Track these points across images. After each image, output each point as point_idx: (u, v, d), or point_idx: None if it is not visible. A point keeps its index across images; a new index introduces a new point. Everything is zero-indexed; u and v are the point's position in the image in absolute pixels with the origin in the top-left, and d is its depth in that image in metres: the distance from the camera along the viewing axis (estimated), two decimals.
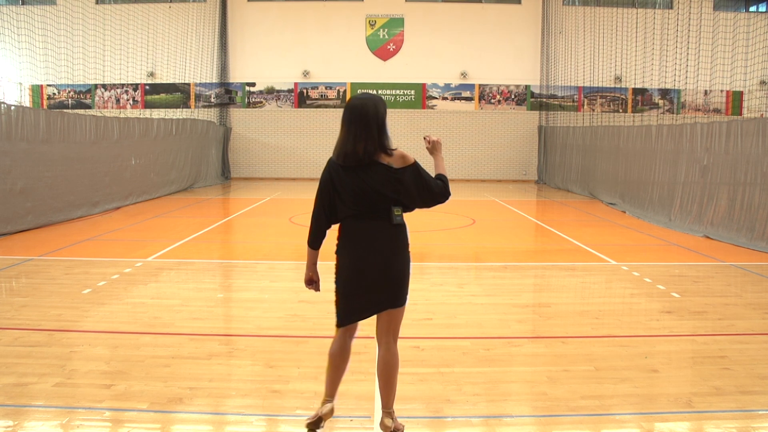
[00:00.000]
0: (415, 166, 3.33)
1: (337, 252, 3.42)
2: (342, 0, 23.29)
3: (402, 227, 3.38)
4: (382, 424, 3.44)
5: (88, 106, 23.44)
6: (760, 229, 9.74)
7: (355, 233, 3.33)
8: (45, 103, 23.52)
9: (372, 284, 3.34)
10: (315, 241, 3.46)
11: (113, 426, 3.66)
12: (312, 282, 3.51)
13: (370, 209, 3.29)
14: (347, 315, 3.41)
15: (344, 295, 3.40)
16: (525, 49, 23.54)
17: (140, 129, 15.95)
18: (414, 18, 23.33)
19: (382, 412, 3.48)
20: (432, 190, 3.34)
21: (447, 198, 3.40)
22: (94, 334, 5.30)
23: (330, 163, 3.36)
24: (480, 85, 23.71)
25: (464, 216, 13.59)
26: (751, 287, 7.55)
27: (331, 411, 3.50)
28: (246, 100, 23.72)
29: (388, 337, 3.44)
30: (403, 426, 3.49)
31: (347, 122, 3.28)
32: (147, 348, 4.92)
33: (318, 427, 3.46)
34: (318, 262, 3.51)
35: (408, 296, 3.45)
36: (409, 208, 3.39)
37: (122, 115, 17.74)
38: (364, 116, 3.26)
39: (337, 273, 3.42)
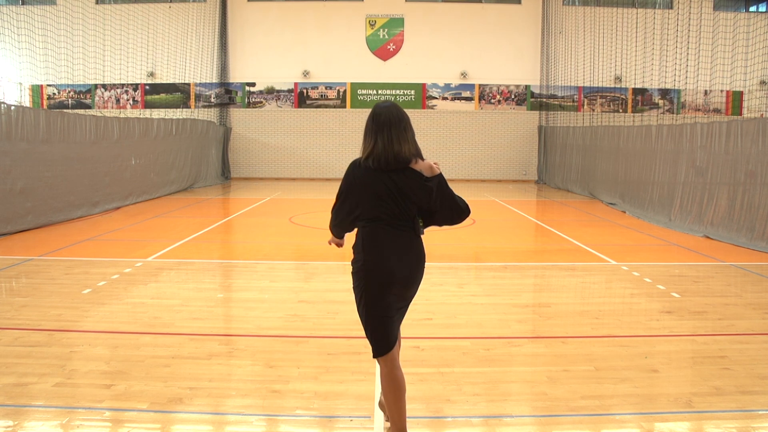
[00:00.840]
0: (442, 177, 3.23)
1: (359, 261, 3.23)
2: (342, 0, 23.29)
3: (422, 243, 3.30)
4: None
5: (88, 106, 23.44)
6: (760, 229, 9.74)
7: (382, 241, 3.17)
8: (45, 103, 23.52)
9: (398, 299, 3.23)
10: (339, 235, 3.43)
11: (113, 426, 3.66)
12: (337, 243, 3.46)
13: (398, 215, 3.17)
14: (388, 335, 3.20)
15: (379, 315, 3.19)
16: (525, 49, 23.54)
17: (140, 129, 15.95)
18: (414, 18, 23.33)
19: None
20: (458, 204, 3.27)
21: (469, 214, 3.33)
22: (94, 334, 5.30)
23: (356, 165, 3.22)
24: (480, 85, 23.71)
25: None
26: (751, 287, 7.55)
27: None
28: (246, 100, 23.72)
29: (397, 350, 3.36)
30: None
31: (385, 126, 3.16)
32: (147, 348, 4.92)
33: None
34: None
35: None
36: (429, 222, 3.30)
37: (122, 115, 17.74)
38: (400, 120, 3.20)
39: (364, 286, 3.21)
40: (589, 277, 8.06)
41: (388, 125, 3.17)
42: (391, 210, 3.16)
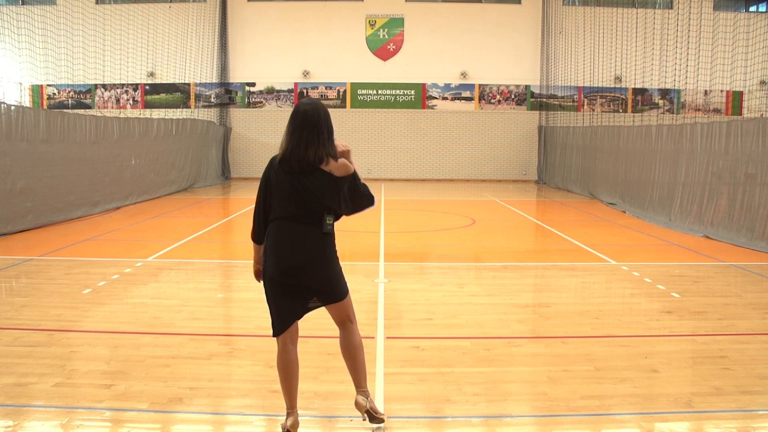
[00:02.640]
0: (354, 176, 3.34)
1: (264, 253, 3.40)
2: (342, 0, 23.29)
3: (331, 236, 3.39)
4: (357, 404, 3.50)
5: (88, 106, 23.44)
6: (760, 229, 9.74)
7: (284, 235, 3.32)
8: (45, 103, 23.52)
9: (301, 284, 3.34)
10: (259, 236, 3.48)
11: (113, 426, 3.66)
12: (261, 274, 3.53)
13: (303, 213, 3.29)
14: (282, 320, 3.40)
15: (275, 300, 3.38)
16: (525, 49, 23.53)
17: (140, 129, 15.95)
18: (414, 18, 23.33)
19: (357, 391, 3.53)
20: (363, 197, 3.39)
21: (373, 203, 3.44)
22: (94, 334, 5.30)
23: (272, 162, 3.38)
24: (480, 85, 23.71)
25: (464, 216, 13.59)
26: (751, 287, 7.55)
27: (296, 422, 3.43)
28: (246, 100, 23.72)
29: (344, 323, 3.52)
30: (382, 414, 3.54)
31: (298, 127, 3.27)
32: (147, 348, 4.92)
33: None
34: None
35: (347, 287, 3.49)
36: (339, 216, 3.42)
37: (122, 115, 17.74)
38: (316, 122, 3.27)
39: (264, 270, 3.40)
40: (589, 277, 8.06)
41: (301, 127, 3.27)
42: (297, 209, 3.29)
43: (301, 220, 3.30)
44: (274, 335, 3.45)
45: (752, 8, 23.67)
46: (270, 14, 23.33)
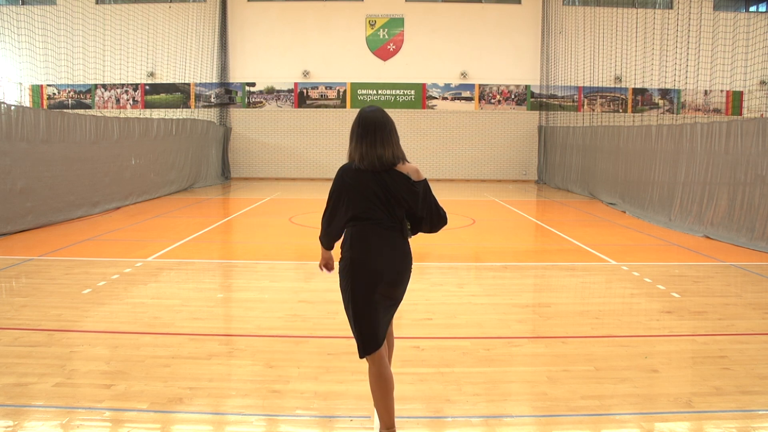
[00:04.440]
0: (426, 183, 3.35)
1: (346, 259, 3.28)
2: (342, 0, 23.29)
3: (409, 245, 3.37)
4: None
5: (88, 106, 23.44)
6: (760, 229, 9.74)
7: (370, 239, 3.23)
8: (45, 103, 23.51)
9: (384, 298, 3.28)
10: (329, 243, 3.44)
11: (113, 426, 3.66)
12: (329, 266, 3.51)
13: (387, 215, 3.25)
14: (376, 333, 3.24)
15: (366, 313, 3.22)
16: (525, 49, 23.53)
17: (140, 129, 15.95)
18: (414, 18, 23.33)
19: None
20: (440, 211, 3.40)
21: (446, 223, 3.46)
22: (94, 334, 5.30)
23: (346, 168, 3.32)
24: (480, 85, 23.70)
25: (464, 216, 13.59)
26: (751, 287, 7.55)
27: None
28: (246, 100, 23.72)
29: (390, 352, 3.46)
30: None
31: (370, 130, 3.28)
32: (147, 348, 4.92)
33: None
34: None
35: None
36: (417, 228, 3.40)
37: (122, 115, 17.73)
38: (384, 125, 3.31)
39: (351, 284, 3.25)
40: (589, 277, 8.06)
41: (373, 129, 3.29)
42: (379, 210, 3.24)
43: (383, 224, 3.24)
44: (366, 354, 3.26)
45: (752, 8, 23.66)
46: (270, 14, 23.33)
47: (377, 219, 3.24)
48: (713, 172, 11.28)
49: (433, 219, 3.37)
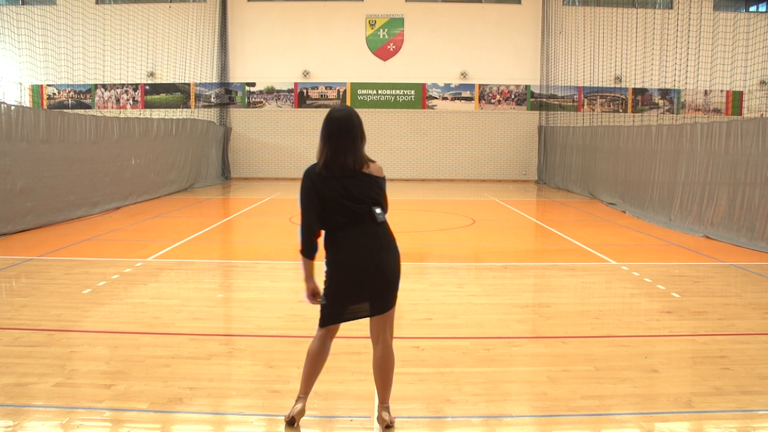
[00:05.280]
0: (384, 180, 3.51)
1: (327, 263, 3.46)
2: (342, 0, 23.29)
3: (385, 224, 3.47)
4: (380, 418, 3.54)
5: (88, 106, 23.44)
6: (760, 229, 9.74)
7: (347, 241, 3.39)
8: (45, 103, 23.51)
9: (366, 289, 3.40)
10: (309, 250, 3.45)
11: (113, 426, 3.66)
12: (315, 294, 3.50)
13: (358, 216, 3.36)
14: (332, 316, 3.48)
15: (334, 300, 3.44)
16: (525, 49, 23.53)
17: (140, 129, 15.94)
18: (414, 18, 23.33)
19: (380, 407, 3.57)
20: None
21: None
22: (94, 334, 5.30)
23: (311, 173, 3.38)
24: (480, 85, 23.70)
25: (464, 216, 13.59)
26: (751, 287, 7.55)
27: (303, 410, 3.56)
28: (246, 100, 23.72)
29: (385, 335, 3.52)
30: (394, 419, 3.59)
31: (334, 136, 3.33)
32: (147, 348, 4.92)
33: (292, 426, 3.55)
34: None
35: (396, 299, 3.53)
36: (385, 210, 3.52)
37: (122, 115, 17.73)
38: (349, 131, 3.34)
39: (328, 280, 3.45)
40: (589, 277, 8.06)
41: (337, 135, 3.34)
42: (346, 212, 3.34)
43: (355, 224, 3.37)
44: (320, 325, 3.51)
45: (752, 8, 23.66)
46: (270, 14, 23.33)
47: (345, 220, 3.35)
48: (713, 172, 11.28)
49: (385, 207, 3.48)
